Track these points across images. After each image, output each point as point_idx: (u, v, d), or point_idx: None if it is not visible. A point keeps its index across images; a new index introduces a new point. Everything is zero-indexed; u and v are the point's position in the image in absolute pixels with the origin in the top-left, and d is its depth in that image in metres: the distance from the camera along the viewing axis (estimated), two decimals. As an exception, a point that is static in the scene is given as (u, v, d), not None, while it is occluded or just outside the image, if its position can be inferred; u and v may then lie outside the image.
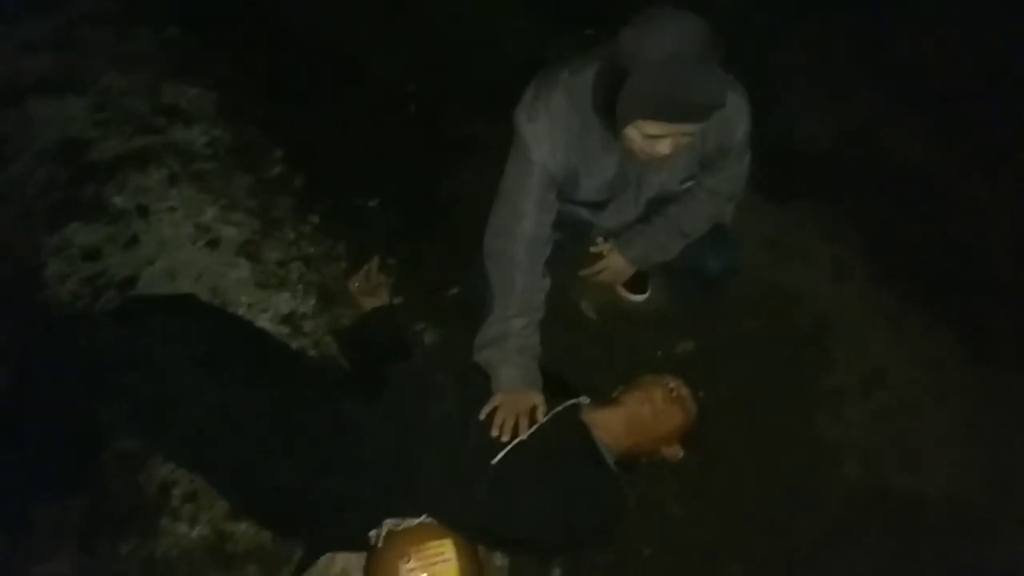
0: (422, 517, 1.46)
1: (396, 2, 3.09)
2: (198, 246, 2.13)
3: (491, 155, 1.77)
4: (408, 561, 1.41)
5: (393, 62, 2.85)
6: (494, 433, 1.51)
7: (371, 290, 1.98)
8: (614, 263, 1.94)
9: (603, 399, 1.69)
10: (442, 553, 1.43)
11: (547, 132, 1.51)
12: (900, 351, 2.21)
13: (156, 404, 1.40)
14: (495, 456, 1.47)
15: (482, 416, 1.54)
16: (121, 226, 2.14)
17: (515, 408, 1.55)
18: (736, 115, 1.56)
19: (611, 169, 1.60)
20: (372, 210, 2.37)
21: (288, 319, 2.01)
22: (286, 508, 1.48)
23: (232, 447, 1.42)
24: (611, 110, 1.38)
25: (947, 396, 2.12)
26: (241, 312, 1.98)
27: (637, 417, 1.63)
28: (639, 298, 2.20)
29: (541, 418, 1.56)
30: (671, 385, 1.68)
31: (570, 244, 1.86)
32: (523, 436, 1.51)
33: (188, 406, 1.41)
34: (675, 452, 1.70)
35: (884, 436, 2.02)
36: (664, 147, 1.39)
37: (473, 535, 1.51)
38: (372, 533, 1.47)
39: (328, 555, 1.56)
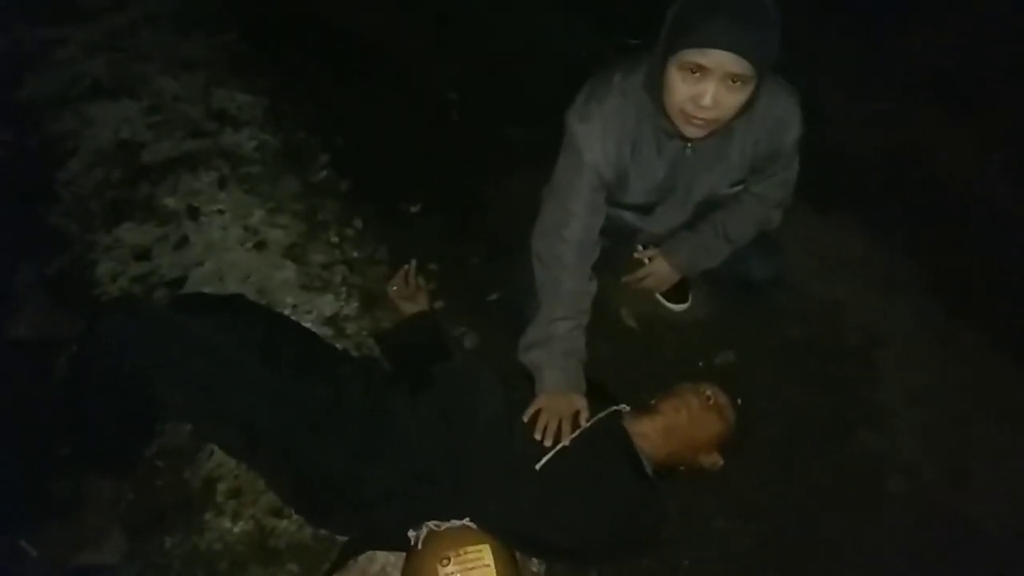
0: (464, 520, 1.46)
1: (442, 11, 3.13)
2: (246, 248, 2.17)
3: (533, 161, 1.79)
4: (447, 564, 1.41)
5: (438, 70, 2.89)
6: (537, 436, 1.51)
7: (409, 295, 2.00)
8: (658, 269, 1.94)
9: (641, 407, 1.68)
10: (481, 558, 1.43)
11: (599, 133, 1.51)
12: (948, 366, 2.16)
13: (209, 387, 1.42)
14: (539, 460, 1.47)
15: (525, 418, 1.54)
16: (172, 227, 2.20)
17: (558, 411, 1.54)
18: (789, 119, 1.56)
19: (661, 171, 1.60)
20: (414, 215, 2.40)
21: (331, 321, 2.04)
22: (329, 498, 1.49)
23: (279, 433, 1.44)
24: (660, 60, 1.36)
25: (996, 414, 2.06)
26: (286, 313, 2.00)
27: (674, 425, 1.61)
28: (680, 307, 2.18)
29: (584, 423, 1.55)
30: (708, 393, 1.66)
31: (614, 250, 1.86)
32: (566, 442, 1.50)
33: (239, 391, 1.43)
34: (714, 461, 1.68)
35: (930, 453, 1.97)
36: (707, 96, 1.32)
37: (512, 540, 1.50)
38: (412, 534, 1.47)
39: (368, 554, 1.57)
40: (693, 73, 1.32)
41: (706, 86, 1.32)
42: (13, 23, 2.85)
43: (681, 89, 1.35)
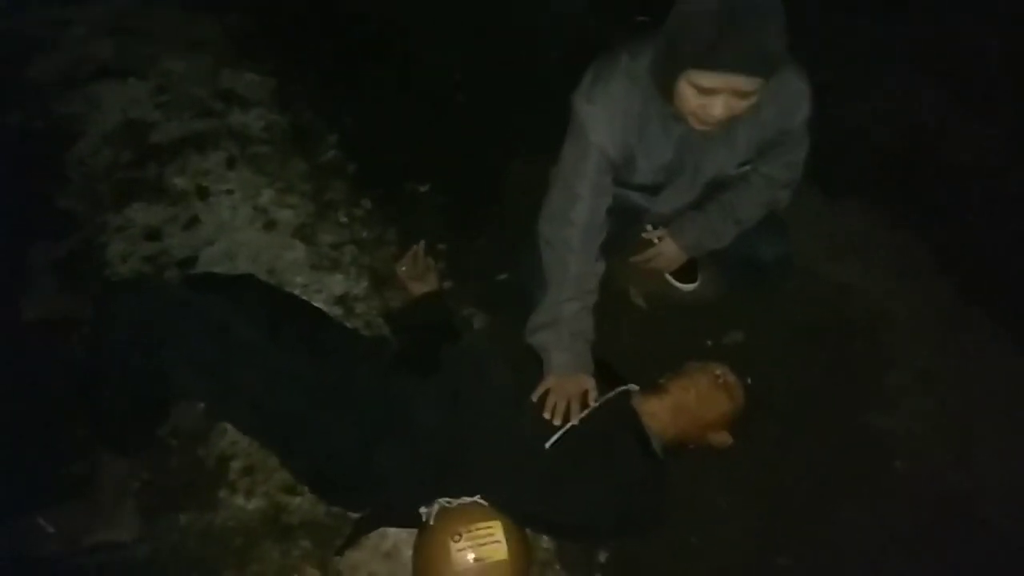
0: (476, 497, 1.47)
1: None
2: (255, 228, 2.18)
3: (541, 141, 1.78)
4: (458, 540, 1.43)
5: (445, 50, 2.88)
6: (546, 416, 1.51)
7: (419, 274, 2.00)
8: (666, 250, 1.94)
9: (650, 386, 1.68)
10: (491, 534, 1.45)
11: (606, 115, 1.51)
12: (955, 349, 2.16)
13: (219, 366, 1.42)
14: (548, 440, 1.48)
15: (534, 398, 1.55)
16: (181, 207, 2.21)
17: (566, 392, 1.55)
18: (797, 99, 1.55)
19: (668, 152, 1.60)
20: (423, 195, 2.40)
21: (341, 300, 2.05)
22: (339, 476, 1.50)
23: (288, 412, 1.45)
24: (667, 71, 1.37)
25: (1002, 396, 2.06)
26: (296, 292, 2.01)
27: (683, 404, 1.62)
28: (688, 287, 2.18)
29: (592, 403, 1.56)
30: (717, 372, 1.66)
31: (621, 231, 1.86)
32: (575, 421, 1.51)
33: (249, 370, 1.43)
34: (723, 439, 1.68)
35: (938, 434, 1.97)
36: (717, 107, 1.35)
37: (523, 518, 1.52)
38: (423, 510, 1.49)
39: (380, 530, 1.59)
40: (702, 90, 1.34)
41: (716, 100, 1.35)
42: (19, 5, 2.84)
43: (691, 100, 1.38)
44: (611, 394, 1.60)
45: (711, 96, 1.35)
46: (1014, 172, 2.65)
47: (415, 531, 1.53)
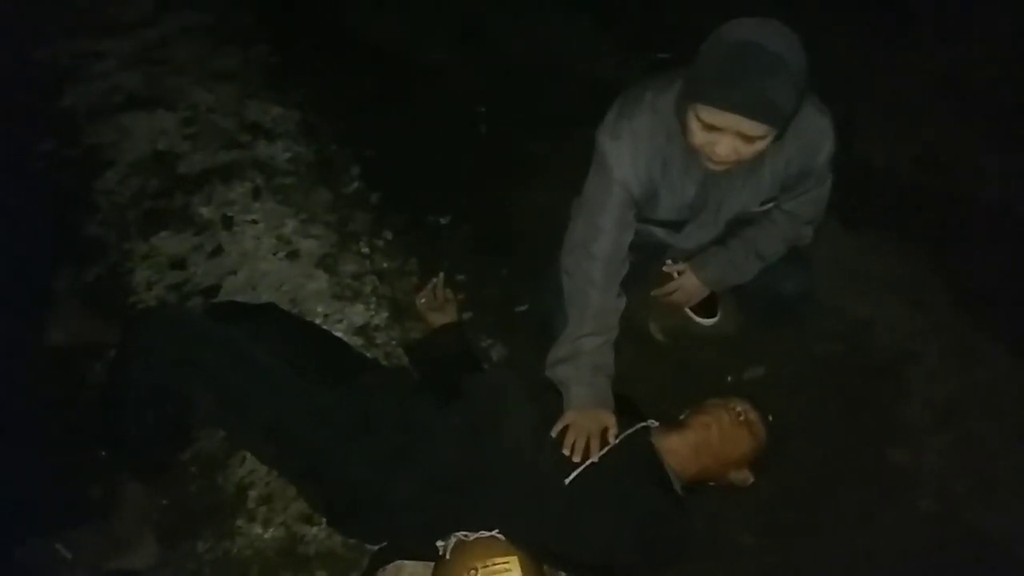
0: (493, 531, 1.46)
1: (471, 25, 3.16)
2: (278, 257, 2.20)
3: (561, 174, 1.80)
4: (474, 575, 1.42)
5: (466, 83, 2.92)
6: (565, 452, 1.50)
7: (438, 306, 2.02)
8: (687, 284, 1.93)
9: (670, 423, 1.67)
10: (508, 570, 1.42)
11: (629, 151, 1.52)
12: (979, 383, 2.12)
13: (241, 395, 1.44)
14: (567, 476, 1.47)
15: (553, 434, 1.54)
16: (206, 236, 2.24)
17: (586, 428, 1.54)
18: (820, 138, 1.55)
19: (692, 189, 1.60)
20: (444, 227, 2.42)
21: (362, 331, 2.05)
22: (356, 506, 1.50)
23: (308, 441, 1.46)
24: (680, 104, 1.39)
25: (1024, 430, 2.03)
26: (317, 322, 2.03)
27: (704, 441, 1.60)
28: (709, 322, 2.17)
29: (612, 440, 1.55)
30: (738, 409, 1.65)
31: (643, 265, 1.86)
32: (594, 458, 1.50)
33: (270, 399, 1.45)
34: (744, 477, 1.67)
35: (961, 471, 1.94)
36: (722, 147, 1.35)
37: (540, 553, 1.50)
38: (440, 543, 1.48)
39: (396, 563, 1.57)
40: (707, 127, 1.35)
41: (720, 139, 1.35)
42: (52, 37, 2.92)
43: (698, 135, 1.38)
44: (630, 430, 1.58)
45: (717, 134, 1.35)
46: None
47: (431, 564, 1.52)
